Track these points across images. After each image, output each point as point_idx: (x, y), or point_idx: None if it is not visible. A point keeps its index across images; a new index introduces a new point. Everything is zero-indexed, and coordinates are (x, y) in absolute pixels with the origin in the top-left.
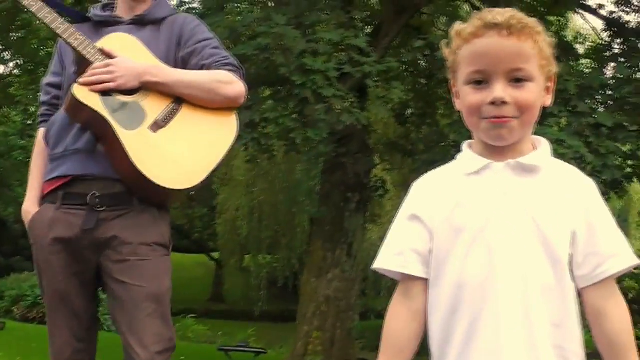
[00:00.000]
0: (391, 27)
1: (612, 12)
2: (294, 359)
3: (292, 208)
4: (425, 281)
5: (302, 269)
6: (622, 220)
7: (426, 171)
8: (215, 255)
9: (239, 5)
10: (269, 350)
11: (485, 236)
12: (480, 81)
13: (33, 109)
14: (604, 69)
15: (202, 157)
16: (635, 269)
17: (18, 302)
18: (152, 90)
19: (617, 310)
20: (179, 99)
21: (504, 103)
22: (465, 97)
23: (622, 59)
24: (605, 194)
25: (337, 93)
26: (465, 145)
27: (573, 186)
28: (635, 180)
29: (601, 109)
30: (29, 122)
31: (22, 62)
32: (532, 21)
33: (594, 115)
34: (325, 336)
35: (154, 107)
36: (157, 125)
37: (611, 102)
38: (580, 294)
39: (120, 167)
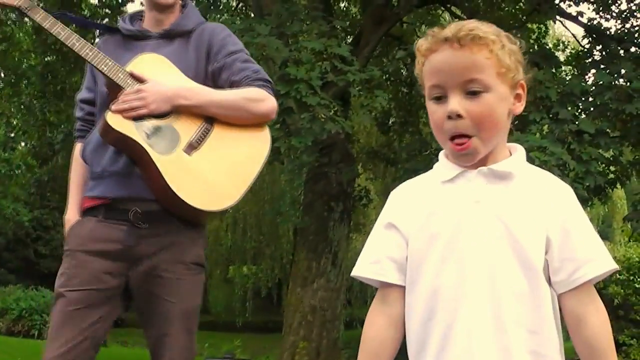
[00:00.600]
0: (371, 37)
1: (591, 19)
2: None
3: (276, 218)
4: (402, 288)
5: (286, 279)
6: (607, 225)
7: (408, 180)
8: None
9: (220, 16)
10: None
11: (457, 244)
12: (440, 96)
13: (15, 122)
14: (585, 76)
15: (237, 176)
16: (619, 274)
17: (3, 315)
18: (184, 111)
19: (596, 315)
20: (210, 118)
21: (459, 116)
22: (430, 114)
23: (603, 66)
24: (588, 200)
25: (322, 101)
26: (441, 154)
27: (548, 192)
28: (618, 185)
29: (583, 116)
30: (12, 135)
31: (3, 74)
32: (486, 30)
33: (575, 122)
34: (311, 346)
35: (186, 128)
36: (191, 147)
37: (592, 109)
38: (559, 300)
39: (157, 191)
